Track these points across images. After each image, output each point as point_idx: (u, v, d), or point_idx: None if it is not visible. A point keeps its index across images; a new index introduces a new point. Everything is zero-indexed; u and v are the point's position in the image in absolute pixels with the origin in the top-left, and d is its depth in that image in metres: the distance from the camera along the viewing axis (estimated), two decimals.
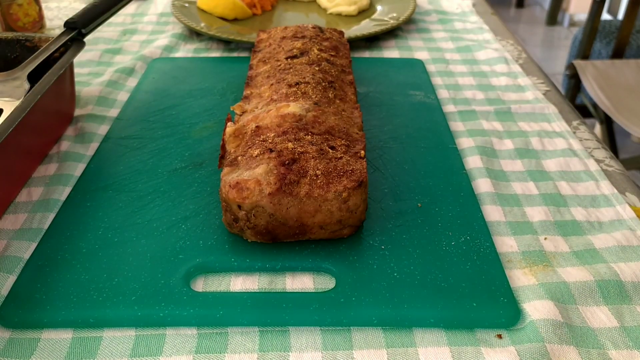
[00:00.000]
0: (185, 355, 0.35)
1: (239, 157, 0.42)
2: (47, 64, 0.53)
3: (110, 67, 0.72)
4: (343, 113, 0.47)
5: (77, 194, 0.47)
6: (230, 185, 0.39)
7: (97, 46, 0.78)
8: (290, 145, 0.41)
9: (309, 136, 0.43)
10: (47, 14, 0.90)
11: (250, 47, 0.77)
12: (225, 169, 0.41)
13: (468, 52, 0.78)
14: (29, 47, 0.58)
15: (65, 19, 0.57)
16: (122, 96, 0.65)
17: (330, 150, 0.42)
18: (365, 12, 0.89)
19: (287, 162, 0.40)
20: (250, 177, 0.39)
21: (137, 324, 0.36)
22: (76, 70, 0.67)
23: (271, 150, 0.41)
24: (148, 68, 0.70)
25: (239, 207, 0.40)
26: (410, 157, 0.52)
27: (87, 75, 0.70)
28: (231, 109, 0.49)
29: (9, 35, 0.59)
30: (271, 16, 0.88)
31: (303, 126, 0.43)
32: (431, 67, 0.73)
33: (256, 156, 0.41)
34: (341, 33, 0.63)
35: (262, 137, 0.43)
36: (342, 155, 0.42)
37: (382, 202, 0.46)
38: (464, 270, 0.40)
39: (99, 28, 0.62)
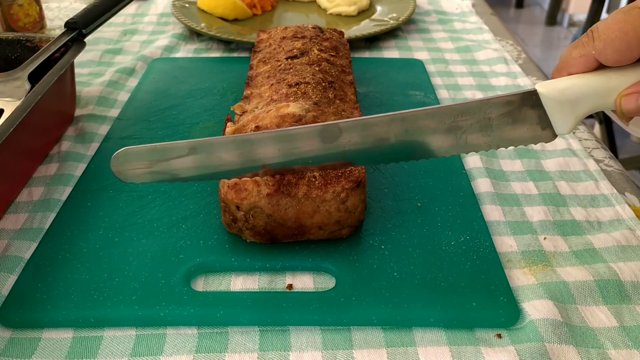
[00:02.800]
0: (186, 354, 0.35)
1: None
2: (47, 64, 0.53)
3: (111, 67, 0.72)
4: (343, 113, 0.47)
5: (78, 194, 0.47)
6: (228, 186, 0.39)
7: (98, 46, 0.78)
8: None
9: None
10: (47, 14, 0.90)
11: (251, 47, 0.77)
12: None
13: (468, 52, 0.78)
14: (29, 48, 0.58)
15: (66, 19, 0.57)
16: (123, 96, 0.65)
17: None
18: (365, 13, 0.89)
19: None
20: (249, 178, 0.39)
21: (137, 323, 0.36)
22: (77, 70, 0.68)
23: None
24: (148, 68, 0.70)
25: (238, 207, 0.40)
26: None
27: (88, 75, 0.70)
28: (231, 109, 0.49)
29: (10, 35, 0.59)
30: (271, 16, 0.88)
31: None
32: (431, 67, 0.73)
33: None
34: (341, 33, 0.63)
35: None
36: None
37: (382, 202, 0.46)
38: (464, 270, 0.40)
39: (100, 28, 0.62)
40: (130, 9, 0.93)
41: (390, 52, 0.78)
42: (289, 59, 0.53)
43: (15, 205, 0.47)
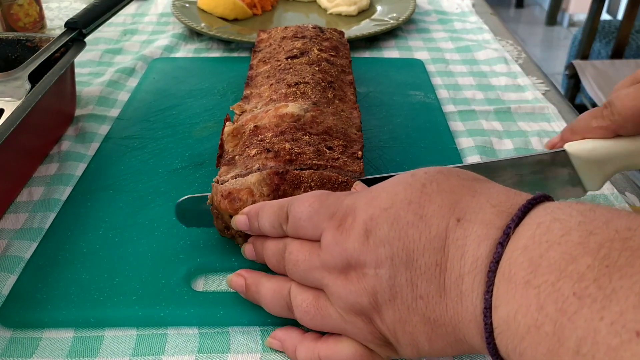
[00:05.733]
0: (188, 354, 0.35)
1: (237, 157, 0.42)
2: (47, 64, 0.53)
3: (111, 67, 0.72)
4: (342, 113, 0.47)
5: (78, 194, 0.47)
6: (222, 195, 0.38)
7: (98, 46, 0.78)
8: (287, 145, 0.41)
9: (307, 136, 0.42)
10: (47, 14, 0.90)
11: (251, 47, 0.77)
12: (223, 168, 0.41)
13: (468, 52, 0.78)
14: (29, 47, 0.58)
15: (66, 19, 0.57)
16: (123, 96, 0.65)
17: (328, 151, 0.42)
18: (365, 12, 0.89)
19: (281, 171, 0.39)
20: (243, 187, 0.38)
21: (138, 323, 0.36)
22: (77, 70, 0.68)
23: (268, 150, 0.41)
24: (148, 68, 0.70)
25: (231, 216, 0.39)
26: (410, 157, 0.52)
27: (88, 75, 0.70)
28: (230, 109, 0.49)
29: (10, 35, 0.59)
30: (271, 16, 0.88)
31: (301, 126, 0.43)
32: (431, 67, 0.73)
33: (253, 156, 0.41)
34: (341, 33, 0.63)
35: (260, 136, 0.43)
36: (339, 155, 0.41)
37: None
38: None
39: (100, 28, 0.62)
40: (130, 9, 0.93)
41: (390, 52, 0.78)
42: (288, 59, 0.53)
43: (15, 205, 0.47)
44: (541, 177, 0.38)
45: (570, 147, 0.38)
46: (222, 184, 0.40)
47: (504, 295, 0.24)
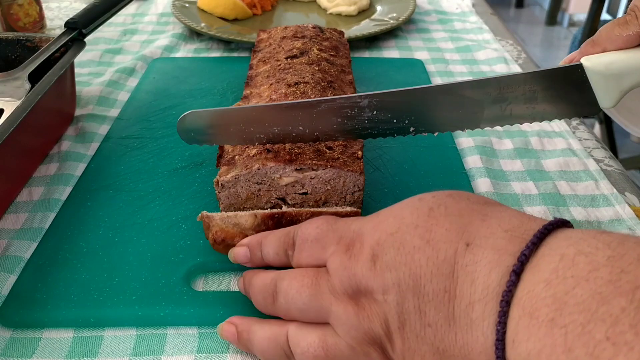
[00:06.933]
0: (187, 354, 0.35)
1: (237, 157, 0.42)
2: (47, 64, 0.53)
3: (111, 67, 0.72)
4: None
5: (78, 194, 0.47)
6: (216, 241, 0.38)
7: (98, 46, 0.78)
8: (287, 145, 0.41)
9: None
10: (47, 14, 0.90)
11: (251, 47, 0.77)
12: (223, 168, 0.42)
13: (468, 52, 0.78)
14: (29, 47, 0.59)
15: (66, 19, 0.57)
16: (123, 96, 0.65)
17: (328, 151, 0.42)
18: (365, 12, 0.89)
19: (276, 215, 0.38)
20: (237, 230, 0.38)
21: (137, 323, 0.37)
22: (77, 70, 0.68)
23: (268, 150, 0.41)
24: (148, 68, 0.70)
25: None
26: (410, 157, 0.52)
27: (88, 75, 0.70)
28: None
29: (10, 35, 0.59)
30: (271, 16, 0.88)
31: None
32: (431, 67, 0.73)
33: (253, 155, 0.41)
34: (341, 33, 0.63)
35: None
36: (339, 155, 0.41)
37: (382, 202, 0.46)
38: None
39: (100, 28, 0.62)
40: (130, 9, 0.93)
41: (390, 52, 0.78)
42: (288, 59, 0.53)
43: (15, 205, 0.47)
44: (555, 94, 0.36)
45: (588, 60, 0.36)
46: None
47: (525, 331, 0.23)
